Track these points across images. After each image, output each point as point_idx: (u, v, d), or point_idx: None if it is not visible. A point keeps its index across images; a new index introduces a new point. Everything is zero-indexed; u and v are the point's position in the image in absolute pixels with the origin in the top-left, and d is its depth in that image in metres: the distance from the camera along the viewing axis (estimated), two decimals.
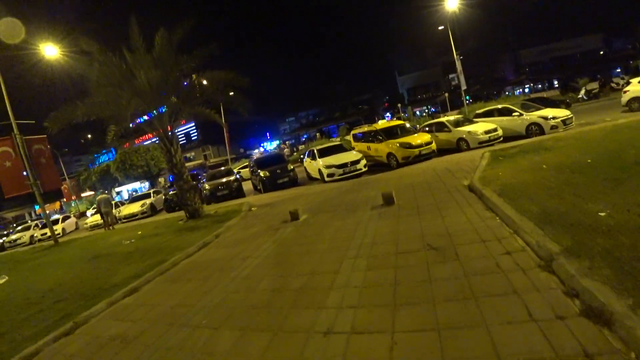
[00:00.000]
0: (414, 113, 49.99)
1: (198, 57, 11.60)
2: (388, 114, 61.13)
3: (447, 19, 28.94)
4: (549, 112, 13.67)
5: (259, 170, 16.67)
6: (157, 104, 11.41)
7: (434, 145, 13.47)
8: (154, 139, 69.02)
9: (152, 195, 22.90)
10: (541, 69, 60.40)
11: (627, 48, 60.81)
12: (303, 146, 43.56)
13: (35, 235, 25.06)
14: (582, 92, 29.77)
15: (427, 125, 16.02)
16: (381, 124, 15.47)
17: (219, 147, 70.97)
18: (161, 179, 43.08)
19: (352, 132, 17.55)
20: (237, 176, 18.77)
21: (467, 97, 35.85)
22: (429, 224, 5.22)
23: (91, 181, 38.60)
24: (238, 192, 17.14)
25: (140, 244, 10.06)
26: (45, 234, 24.28)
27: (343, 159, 13.95)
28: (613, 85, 31.20)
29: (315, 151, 15.80)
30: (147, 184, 46.57)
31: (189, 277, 5.90)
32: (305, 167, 17.50)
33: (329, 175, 13.81)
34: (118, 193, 48.27)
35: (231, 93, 13.75)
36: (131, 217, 20.64)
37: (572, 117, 13.47)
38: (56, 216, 30.45)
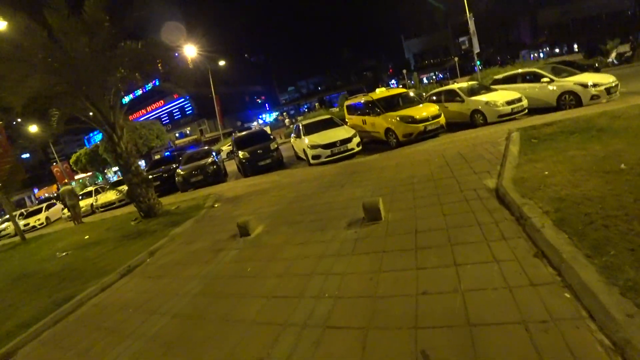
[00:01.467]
0: (421, 80, 46.43)
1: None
2: (393, 81, 57.50)
3: None
4: (588, 77, 10.92)
5: (238, 151, 14.30)
6: (85, 80, 8.80)
7: (442, 119, 10.91)
8: (148, 114, 66.62)
9: None
10: (562, 32, 55.46)
11: None
12: (302, 117, 40.75)
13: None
14: (613, 55, 26.43)
15: (434, 94, 13.34)
16: (379, 92, 12.84)
17: (216, 121, 68.24)
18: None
19: (345, 102, 14.95)
20: (216, 158, 16.41)
21: (479, 63, 32.50)
22: (432, 283, 2.94)
23: (81, 163, 36.41)
24: (216, 177, 14.83)
25: (72, 258, 8.33)
26: (28, 224, 22.42)
27: (331, 136, 11.51)
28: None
29: (301, 127, 13.32)
30: (142, 163, 44.41)
31: (72, 341, 3.97)
32: (292, 145, 15.06)
33: (314, 157, 11.45)
34: (115, 172, 46.30)
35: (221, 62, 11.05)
36: (108, 205, 18.57)
37: (617, 85, 10.73)
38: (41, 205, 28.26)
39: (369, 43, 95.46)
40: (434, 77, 54.04)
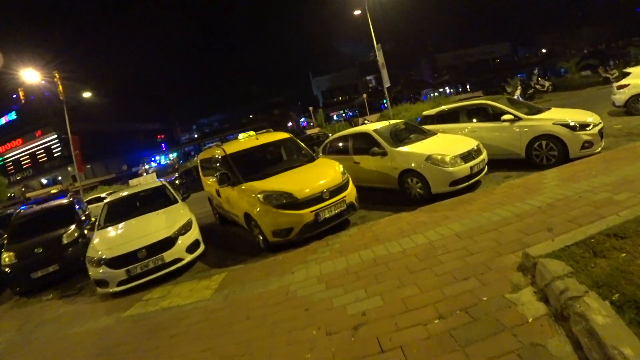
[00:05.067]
0: (330, 117, 43.37)
1: None
2: (303, 119, 54.05)
3: (366, 10, 22.59)
4: (566, 114, 6.85)
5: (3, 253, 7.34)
6: None
7: (350, 193, 5.67)
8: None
9: None
10: (458, 73, 59.10)
11: (527, 56, 63.88)
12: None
13: None
14: (518, 92, 25.56)
15: (336, 141, 8.25)
16: (242, 139, 7.34)
17: (101, 163, 56.96)
18: None
19: (200, 156, 9.16)
20: (86, 222, 8.96)
21: (385, 101, 30.04)
22: None
23: None
24: (73, 265, 7.30)
25: None
26: None
27: (134, 238, 5.56)
28: (538, 87, 28.18)
29: (101, 216, 7.06)
30: None
31: None
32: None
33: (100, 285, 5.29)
34: None
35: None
36: None
37: (602, 125, 6.81)
38: None
39: (277, 79, 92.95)
40: (343, 114, 51.98)
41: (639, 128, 8.80)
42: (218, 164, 6.88)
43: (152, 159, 58.89)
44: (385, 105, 25.41)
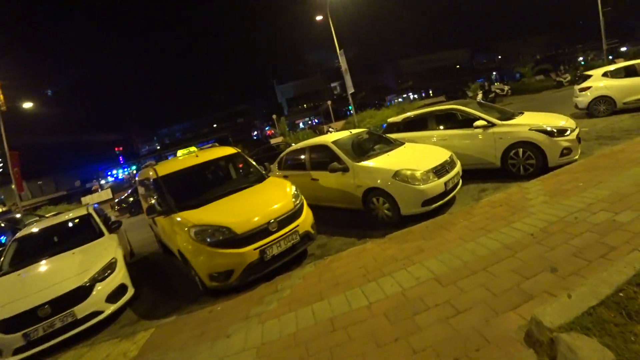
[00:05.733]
0: (296, 125, 42.46)
1: None
2: (267, 127, 52.76)
3: (328, 15, 22.01)
4: (540, 119, 6.30)
5: None
6: None
7: (304, 218, 4.67)
8: None
9: None
10: (421, 79, 60.19)
11: (484, 62, 66.55)
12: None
13: None
14: (480, 96, 26.03)
15: (295, 153, 7.19)
16: (181, 156, 6.21)
17: (50, 179, 52.82)
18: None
19: (138, 177, 7.89)
20: None
21: (350, 107, 29.59)
22: None
23: None
24: None
25: None
26: None
27: (36, 291, 4.40)
28: (497, 91, 29.08)
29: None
30: None
31: None
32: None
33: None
34: None
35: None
36: None
37: (579, 130, 6.31)
38: None
39: (242, 87, 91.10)
40: (309, 121, 51.20)
41: (607, 130, 8.52)
42: (150, 188, 5.72)
43: (109, 173, 55.21)
44: (352, 111, 24.80)
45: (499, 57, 64.74)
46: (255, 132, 51.59)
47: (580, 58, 34.08)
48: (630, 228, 3.20)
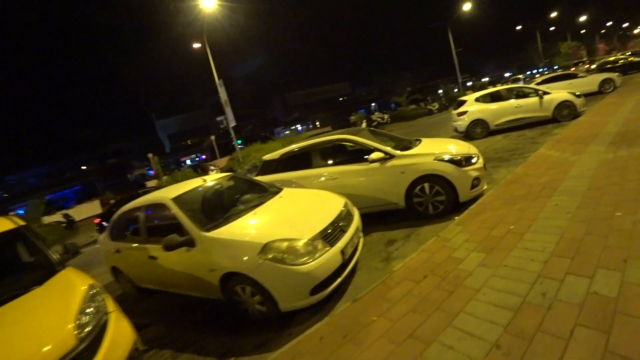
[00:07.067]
0: (179, 163, 38.36)
1: None
2: (148, 167, 46.79)
3: (206, 42, 20.02)
4: (441, 146, 5.34)
5: None
6: None
7: (111, 346, 2.43)
8: None
9: None
10: (308, 110, 61.76)
11: (364, 94, 72.68)
12: None
13: None
14: (364, 125, 27.12)
15: (127, 215, 4.59)
16: None
17: None
18: None
19: None
20: None
21: (240, 141, 27.53)
22: None
23: None
24: None
25: None
26: None
27: None
28: (379, 119, 31.06)
29: None
30: None
31: None
32: None
33: None
34: None
35: None
36: None
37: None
38: None
39: (117, 122, 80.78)
40: (196, 158, 47.04)
41: (491, 151, 8.30)
42: None
43: None
44: (240, 145, 22.75)
45: (377, 89, 70.84)
46: (131, 174, 44.89)
47: (440, 90, 39.03)
48: (632, 310, 1.93)
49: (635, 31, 61.62)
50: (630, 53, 28.82)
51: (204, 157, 45.48)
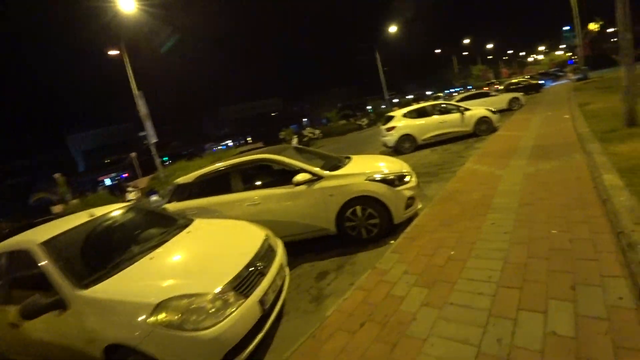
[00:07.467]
0: (96, 183, 34.45)
1: None
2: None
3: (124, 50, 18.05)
4: (373, 163, 5.08)
5: None
6: None
7: None
8: None
9: None
10: (239, 125, 60.55)
11: (295, 109, 73.47)
12: None
13: None
14: (295, 141, 26.80)
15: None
16: None
17: None
18: None
19: None
20: None
21: (166, 158, 25.30)
22: None
23: None
24: None
25: None
26: None
27: None
28: (310, 135, 31.25)
29: None
30: None
31: None
32: None
33: None
34: None
35: None
36: None
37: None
38: None
39: (19, 136, 70.30)
40: (117, 177, 42.57)
41: (420, 166, 8.36)
42: None
43: None
44: (168, 162, 20.95)
45: (308, 105, 71.84)
46: (38, 198, 38.95)
47: (369, 107, 40.69)
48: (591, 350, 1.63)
49: (529, 59, 71.56)
50: (529, 76, 32.79)
51: (125, 175, 41.34)
